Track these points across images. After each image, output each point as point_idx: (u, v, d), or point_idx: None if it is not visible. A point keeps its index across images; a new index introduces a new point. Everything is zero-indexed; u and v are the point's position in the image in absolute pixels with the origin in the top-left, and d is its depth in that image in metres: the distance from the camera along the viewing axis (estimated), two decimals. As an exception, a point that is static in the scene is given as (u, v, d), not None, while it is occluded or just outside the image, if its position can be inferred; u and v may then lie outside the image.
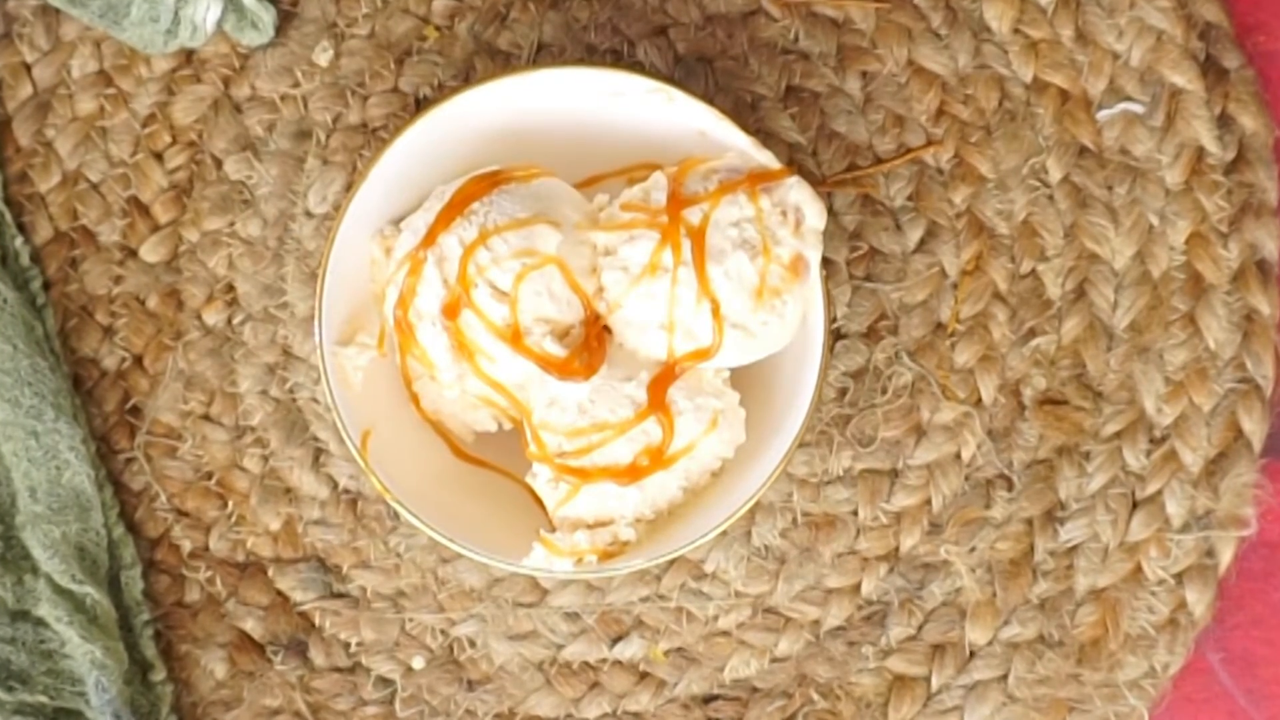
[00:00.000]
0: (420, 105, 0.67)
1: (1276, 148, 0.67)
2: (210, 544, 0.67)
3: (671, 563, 0.66)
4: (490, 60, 0.67)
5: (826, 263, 0.64)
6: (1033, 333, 0.67)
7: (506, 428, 0.63)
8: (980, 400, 0.67)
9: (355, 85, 0.68)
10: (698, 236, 0.59)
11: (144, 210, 0.68)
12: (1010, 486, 0.67)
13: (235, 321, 0.67)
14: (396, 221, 0.62)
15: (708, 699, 0.67)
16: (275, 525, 0.67)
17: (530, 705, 0.67)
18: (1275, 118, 0.68)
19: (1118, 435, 0.67)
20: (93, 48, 0.68)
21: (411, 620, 0.67)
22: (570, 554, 0.61)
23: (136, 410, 0.68)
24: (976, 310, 0.67)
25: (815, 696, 0.67)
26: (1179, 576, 0.67)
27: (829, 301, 0.61)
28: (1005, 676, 0.67)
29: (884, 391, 0.67)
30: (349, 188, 0.67)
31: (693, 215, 0.59)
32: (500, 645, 0.67)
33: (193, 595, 0.67)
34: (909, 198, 0.67)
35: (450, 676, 0.67)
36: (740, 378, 0.62)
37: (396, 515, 0.66)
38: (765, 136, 0.66)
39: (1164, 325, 0.67)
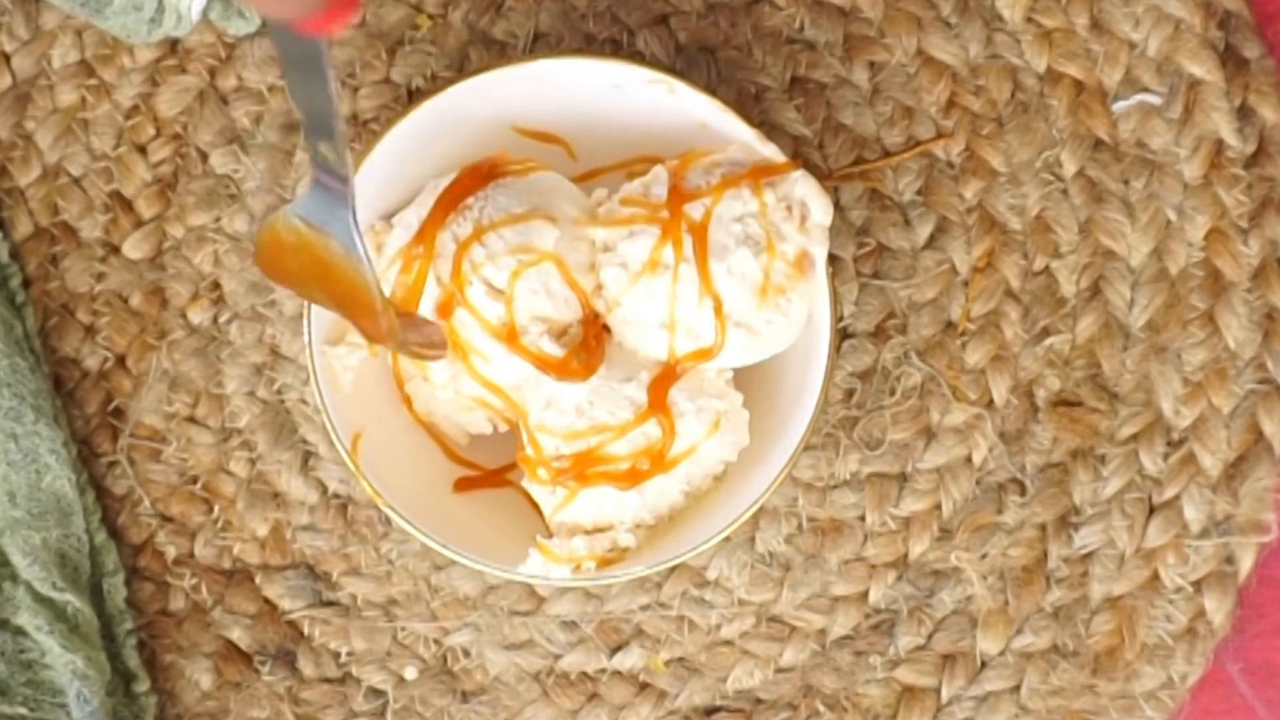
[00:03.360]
0: (413, 97, 0.67)
1: (1297, 141, 0.67)
2: (195, 550, 0.67)
3: (672, 570, 0.66)
4: (485, 50, 0.67)
5: (833, 259, 0.65)
6: (1046, 332, 0.67)
7: (502, 430, 0.63)
8: (992, 402, 0.67)
9: (346, 76, 0.67)
10: (700, 232, 0.59)
11: (127, 205, 0.68)
12: (1023, 491, 0.66)
13: (221, 320, 0.67)
14: (388, 217, 0.62)
15: (710, 710, 0.67)
16: (263, 531, 0.67)
17: (527, 717, 0.67)
18: (1296, 110, 0.67)
19: (1134, 438, 0.67)
20: (74, 37, 0.68)
21: (404, 629, 0.67)
22: (568, 560, 0.60)
23: (119, 412, 0.67)
24: (988, 309, 0.67)
25: (821, 708, 0.66)
26: (1197, 584, 0.66)
27: (835, 299, 0.61)
28: (1018, 687, 0.66)
29: (892, 393, 0.66)
30: (339, 182, 0.66)
31: (694, 210, 0.59)
32: (495, 655, 0.67)
33: (177, 603, 0.67)
34: (918, 192, 0.67)
35: (444, 687, 0.67)
36: (744, 378, 0.62)
37: (388, 521, 0.66)
38: (770, 129, 0.66)
39: (1182, 324, 0.67)
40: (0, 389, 0.64)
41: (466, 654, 0.67)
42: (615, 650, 0.67)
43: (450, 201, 0.60)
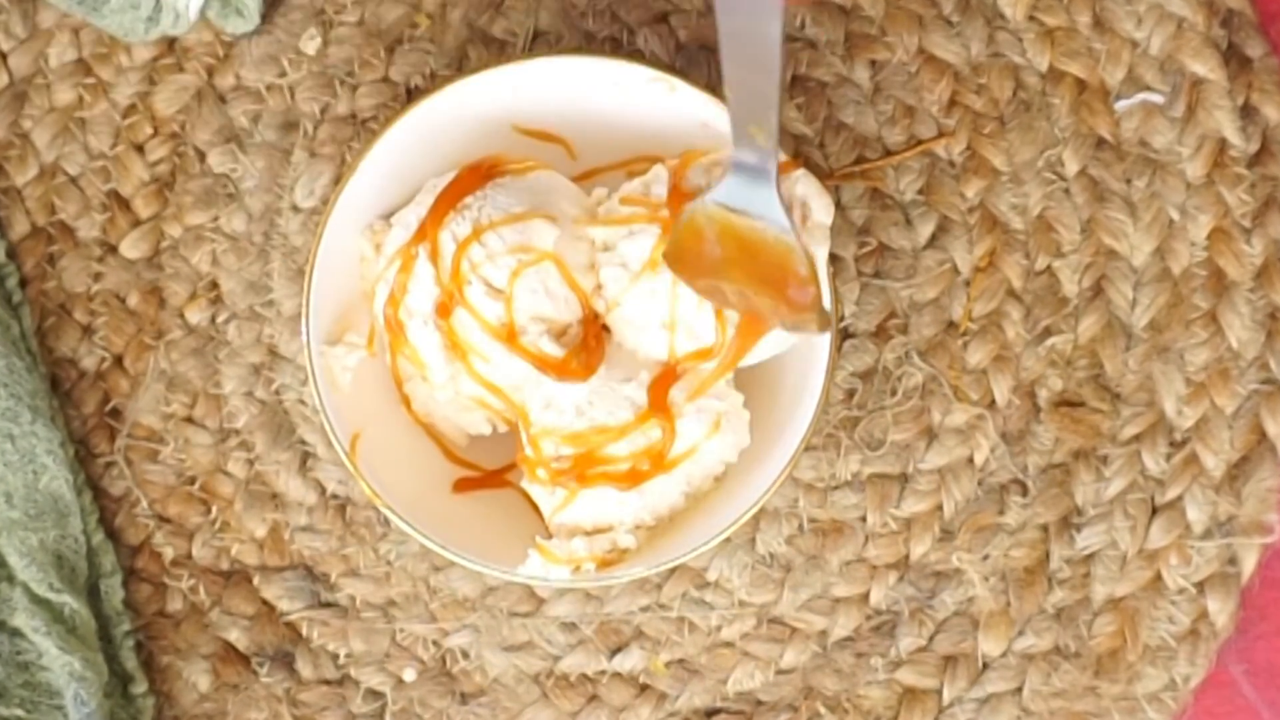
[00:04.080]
0: (411, 95, 0.67)
1: (1301, 140, 0.67)
2: (193, 551, 0.67)
3: (672, 571, 0.66)
4: (484, 49, 0.67)
5: (834, 259, 0.64)
6: (1048, 332, 0.66)
7: (501, 430, 0.63)
8: (993, 402, 0.66)
9: (344, 75, 0.67)
10: None
11: (124, 204, 0.67)
12: (1025, 491, 0.66)
13: (219, 320, 0.67)
14: (387, 216, 0.62)
15: (710, 712, 0.67)
16: (261, 532, 0.67)
17: (526, 719, 0.67)
18: (1299, 108, 0.67)
19: (1136, 438, 0.66)
20: (71, 35, 0.67)
21: (402, 630, 0.67)
22: (567, 562, 0.60)
23: (117, 412, 0.67)
24: (990, 308, 0.66)
25: (822, 710, 0.66)
26: (1200, 585, 0.66)
27: (836, 299, 0.61)
28: (1020, 689, 0.66)
29: (893, 393, 0.66)
30: (337, 181, 0.66)
31: None
32: (495, 656, 0.66)
33: (175, 604, 0.67)
34: (920, 191, 0.67)
35: (443, 689, 0.67)
36: (744, 378, 0.61)
37: (387, 522, 0.66)
38: (770, 128, 0.65)
39: (1184, 324, 0.66)
40: (-3, 389, 0.65)
41: (466, 655, 0.66)
42: (615, 652, 0.66)
43: (449, 201, 0.59)
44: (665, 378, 0.59)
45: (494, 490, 0.64)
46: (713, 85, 0.65)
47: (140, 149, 0.67)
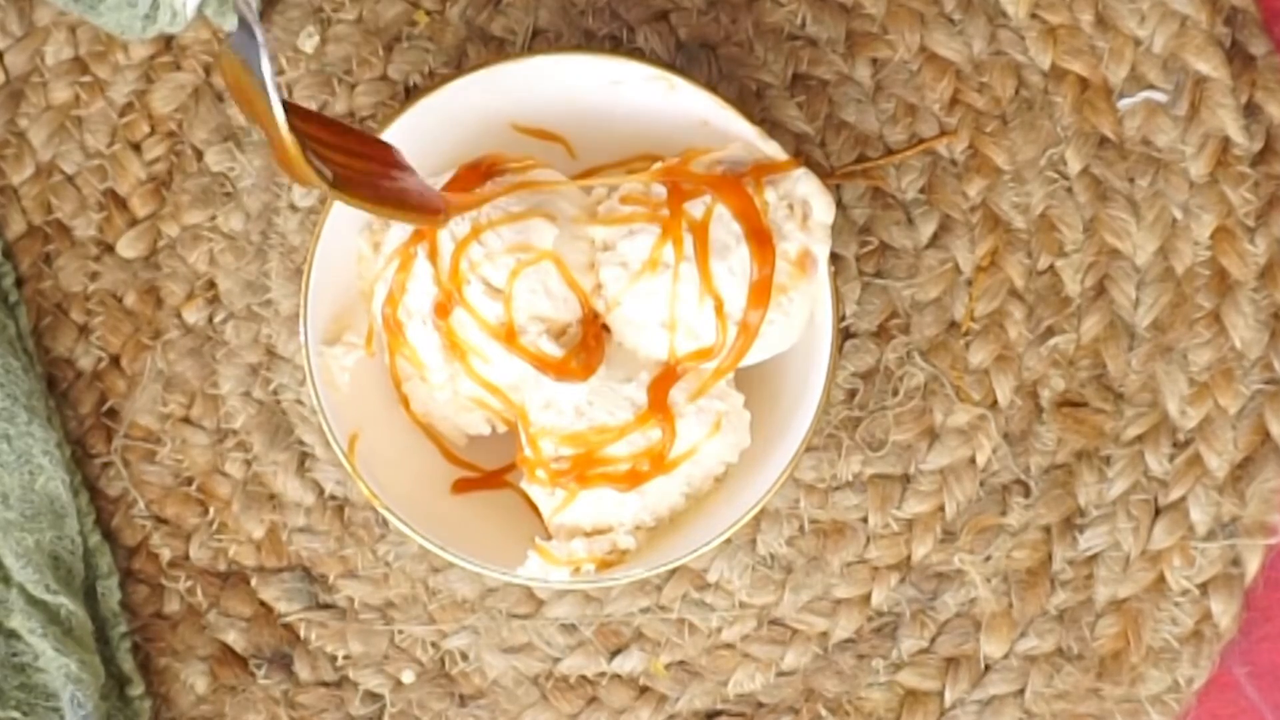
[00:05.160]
0: (410, 94, 0.67)
1: (1305, 138, 0.67)
2: (190, 552, 0.67)
3: (673, 572, 0.66)
4: (483, 47, 0.67)
5: (835, 258, 0.64)
6: (1051, 331, 0.66)
7: (501, 431, 0.63)
8: (996, 402, 0.66)
9: (342, 73, 0.67)
10: (700, 231, 0.58)
11: (121, 203, 0.67)
12: (1027, 492, 0.66)
13: (217, 320, 0.67)
14: (386, 215, 0.61)
15: (711, 714, 0.67)
16: (258, 533, 0.67)
17: None
18: (1303, 107, 0.67)
19: (1139, 439, 0.66)
20: (68, 33, 0.67)
21: (401, 632, 0.66)
22: (567, 563, 0.60)
23: (114, 412, 0.67)
24: (992, 308, 0.66)
25: (823, 712, 0.66)
26: (1204, 586, 0.66)
27: (837, 299, 0.60)
28: (1022, 691, 0.66)
29: (895, 393, 0.66)
30: (336, 180, 0.65)
31: (695, 209, 0.58)
32: (494, 658, 0.66)
33: (172, 606, 0.67)
34: (921, 190, 0.66)
35: (442, 691, 0.66)
36: (745, 379, 0.61)
37: (385, 523, 0.66)
38: (771, 126, 0.66)
39: (1188, 324, 0.66)
40: (-7, 389, 0.64)
41: (465, 657, 0.66)
42: (615, 653, 0.66)
43: (448, 199, 0.59)
44: (665, 378, 0.59)
45: (493, 491, 0.64)
46: (713, 84, 0.66)
47: (137, 148, 0.67)
